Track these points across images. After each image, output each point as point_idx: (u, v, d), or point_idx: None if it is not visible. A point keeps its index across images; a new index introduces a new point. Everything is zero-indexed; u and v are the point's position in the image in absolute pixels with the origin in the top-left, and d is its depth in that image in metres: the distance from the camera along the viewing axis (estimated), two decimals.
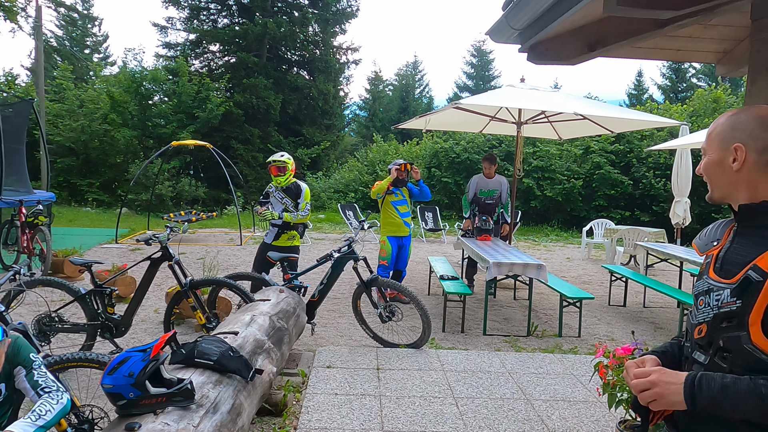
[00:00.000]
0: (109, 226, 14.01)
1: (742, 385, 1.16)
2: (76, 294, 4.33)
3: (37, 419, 2.17)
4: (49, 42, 29.80)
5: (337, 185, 21.01)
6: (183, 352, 2.94)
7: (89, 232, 12.78)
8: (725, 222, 1.46)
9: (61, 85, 22.44)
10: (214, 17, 26.16)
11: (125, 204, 19.47)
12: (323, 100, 25.30)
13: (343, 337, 5.53)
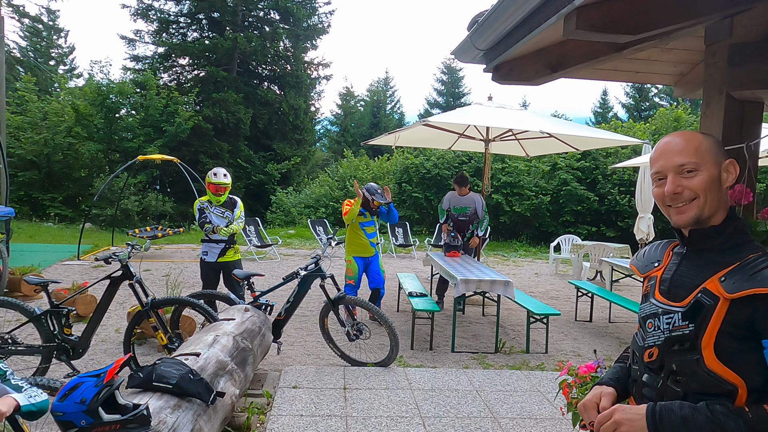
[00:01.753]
0: (71, 242, 13.62)
1: (700, 416, 1.16)
2: (30, 314, 4.17)
3: (29, 397, 2.16)
4: (11, 53, 29.08)
5: (307, 200, 20.91)
6: (140, 375, 2.84)
7: (50, 248, 12.40)
8: (663, 243, 1.47)
9: (24, 97, 21.88)
10: (183, 31, 25.99)
11: (89, 219, 19.01)
12: (294, 115, 25.28)
13: (310, 356, 5.45)
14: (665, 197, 1.33)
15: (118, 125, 21.74)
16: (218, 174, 5.66)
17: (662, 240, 1.51)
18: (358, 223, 6.25)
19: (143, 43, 25.83)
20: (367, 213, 6.27)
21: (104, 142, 21.37)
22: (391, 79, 43.12)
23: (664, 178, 1.33)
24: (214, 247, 5.59)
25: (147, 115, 21.21)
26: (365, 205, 6.25)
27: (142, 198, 20.38)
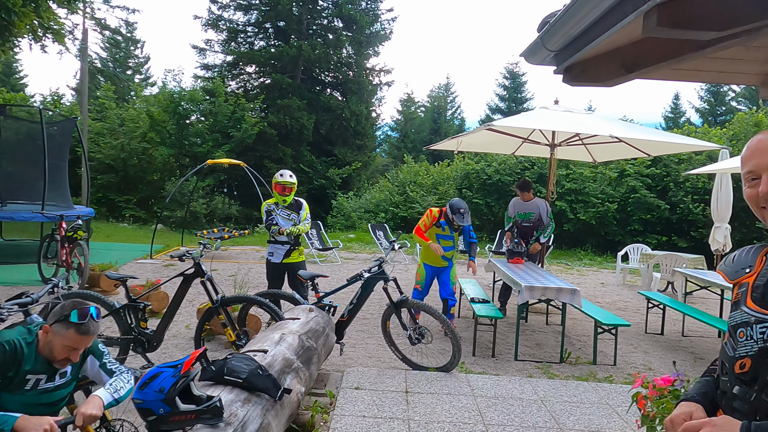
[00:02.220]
0: (144, 242, 14.30)
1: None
2: (110, 308, 4.40)
3: (114, 392, 2.46)
4: (93, 63, 30.94)
5: (367, 205, 21.07)
6: (213, 368, 2.94)
7: (125, 247, 13.05)
8: (755, 248, 1.38)
9: (104, 104, 23.22)
10: (251, 40, 26.85)
11: (161, 220, 19.92)
12: (355, 120, 25.58)
13: (371, 358, 5.48)
14: (759, 198, 1.24)
15: (188, 131, 22.68)
16: (284, 174, 5.79)
17: (754, 244, 1.41)
18: (434, 234, 6.14)
19: (213, 52, 26.90)
20: (446, 227, 6.09)
21: (175, 147, 22.36)
22: (451, 84, 42.96)
23: (758, 178, 1.25)
24: (279, 248, 5.72)
25: (215, 121, 22.04)
26: (447, 219, 6.04)
27: (209, 201, 21.16)
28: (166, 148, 22.11)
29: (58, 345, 2.31)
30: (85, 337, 2.32)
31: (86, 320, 2.30)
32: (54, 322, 2.32)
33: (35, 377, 2.32)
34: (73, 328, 2.28)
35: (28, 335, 2.34)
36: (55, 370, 2.38)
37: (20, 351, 2.26)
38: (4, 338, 2.27)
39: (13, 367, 2.24)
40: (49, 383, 2.37)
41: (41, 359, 2.33)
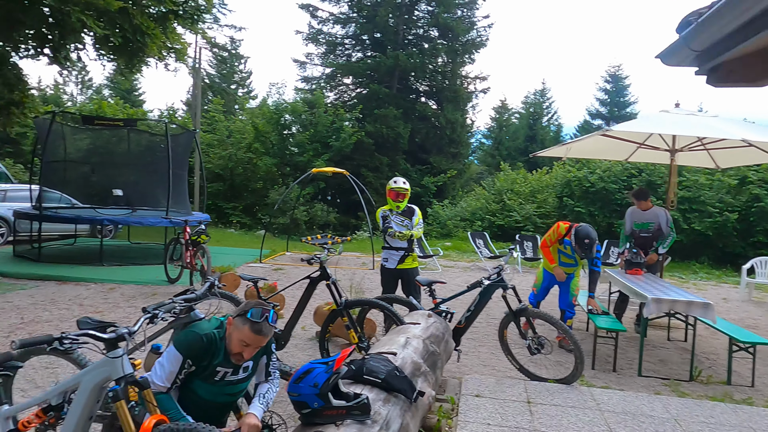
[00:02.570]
0: (251, 247, 15.08)
1: None
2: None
3: (266, 406, 2.71)
4: (204, 79, 33.15)
5: (463, 213, 20.94)
6: (353, 368, 3.05)
7: (236, 251, 13.80)
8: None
9: (214, 117, 24.77)
10: (348, 52, 27.62)
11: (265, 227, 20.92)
12: (450, 128, 25.55)
13: (486, 366, 5.43)
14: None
15: (289, 141, 23.67)
16: (398, 181, 5.89)
17: None
18: (557, 249, 6.00)
19: (312, 65, 27.93)
20: (568, 248, 5.89)
21: (278, 157, 23.41)
22: (547, 90, 41.68)
23: None
24: (394, 254, 5.82)
25: (315, 131, 22.84)
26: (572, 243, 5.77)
27: (309, 208, 21.91)
28: (270, 157, 23.20)
29: (235, 339, 2.48)
30: (258, 336, 2.46)
31: (261, 320, 2.44)
32: (236, 316, 2.51)
33: (223, 370, 2.52)
34: (249, 325, 2.43)
35: (221, 330, 2.54)
36: (240, 366, 2.58)
37: (214, 344, 2.47)
38: (203, 331, 2.48)
39: (207, 358, 2.45)
40: (234, 376, 2.58)
41: (229, 356, 2.53)
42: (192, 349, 2.44)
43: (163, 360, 2.45)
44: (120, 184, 13.13)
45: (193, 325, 2.56)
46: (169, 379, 2.42)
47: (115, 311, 7.18)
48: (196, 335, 2.47)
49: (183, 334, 2.52)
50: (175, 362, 2.42)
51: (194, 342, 2.45)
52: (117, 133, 13.80)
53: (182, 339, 2.49)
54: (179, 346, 2.45)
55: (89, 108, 26.06)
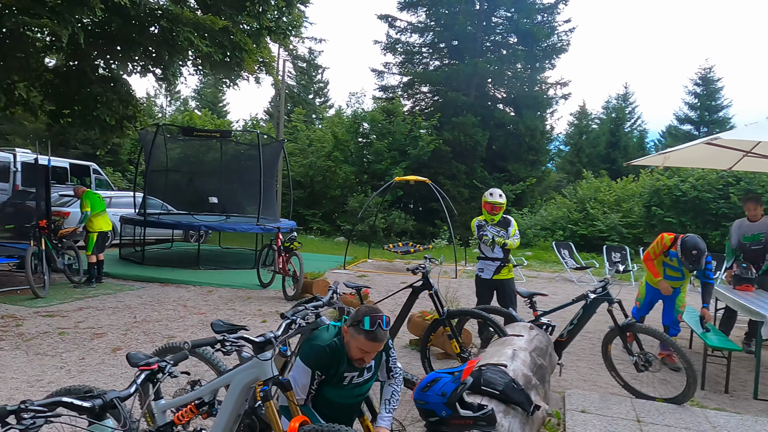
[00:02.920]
0: (331, 253, 15.45)
1: None
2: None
3: (392, 412, 2.78)
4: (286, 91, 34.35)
5: (543, 222, 20.50)
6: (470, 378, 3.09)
7: (318, 257, 14.17)
8: None
9: (296, 127, 25.59)
10: (426, 60, 27.76)
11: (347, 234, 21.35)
12: (530, 135, 25.08)
13: (586, 381, 5.31)
14: None
15: (368, 149, 24.06)
16: (494, 194, 5.88)
17: None
18: (662, 262, 5.76)
19: (390, 74, 28.27)
20: (674, 260, 5.58)
21: (356, 165, 23.85)
22: (630, 94, 40.05)
23: None
24: (490, 264, 5.80)
25: (393, 139, 23.09)
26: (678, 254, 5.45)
27: (387, 216, 22.16)
28: (348, 165, 23.68)
29: (353, 346, 2.55)
30: (375, 343, 2.52)
31: (375, 328, 2.48)
32: (350, 325, 2.58)
33: (350, 375, 2.63)
34: (364, 334, 2.48)
35: (342, 338, 2.62)
36: (363, 369, 2.67)
37: (338, 353, 2.56)
38: (325, 342, 2.57)
39: (334, 366, 2.56)
40: (359, 379, 2.68)
41: (351, 361, 2.62)
42: (318, 361, 2.54)
43: (294, 375, 2.58)
44: (213, 192, 13.85)
45: (314, 337, 2.64)
46: (303, 392, 2.54)
47: (216, 313, 7.58)
48: (320, 348, 2.56)
49: (307, 348, 2.61)
50: (305, 375, 2.54)
51: (320, 354, 2.55)
52: (207, 143, 14.58)
53: (308, 353, 2.59)
54: (306, 360, 2.56)
55: (181, 119, 27.64)
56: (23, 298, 7.85)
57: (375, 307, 2.60)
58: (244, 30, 9.79)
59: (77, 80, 9.04)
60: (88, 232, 8.98)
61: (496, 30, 26.67)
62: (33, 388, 4.54)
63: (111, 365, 5.22)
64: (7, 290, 8.33)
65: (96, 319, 6.90)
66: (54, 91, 9.85)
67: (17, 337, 5.99)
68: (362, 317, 2.51)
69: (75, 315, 7.09)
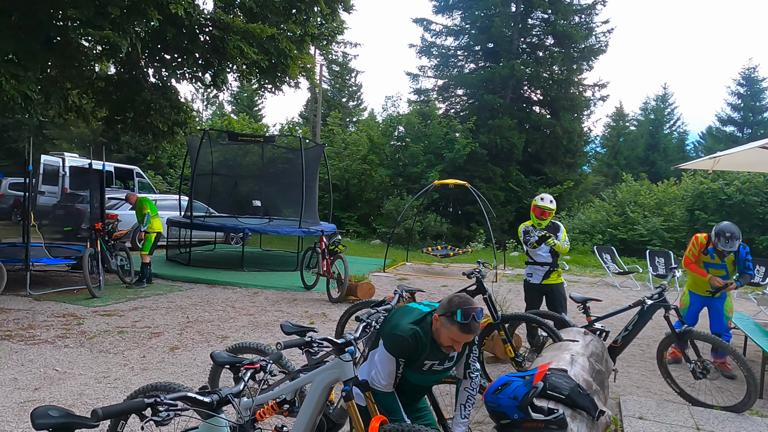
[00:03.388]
0: (368, 256, 15.57)
1: None
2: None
3: (466, 417, 2.81)
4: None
5: (582, 226, 20.24)
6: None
7: (357, 260, 14.28)
8: None
9: (332, 130, 25.84)
10: (461, 63, 27.70)
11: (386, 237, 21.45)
12: (567, 138, 24.77)
13: (639, 388, 5.28)
14: None
15: (403, 153, 24.13)
16: (545, 199, 5.88)
17: None
18: (703, 262, 5.71)
19: (425, 77, 28.30)
20: (715, 255, 5.61)
21: (392, 168, 23.95)
22: (669, 95, 39.20)
23: None
24: (538, 269, 5.81)
25: (429, 143, 23.12)
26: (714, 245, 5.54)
27: (422, 219, 22.18)
28: (384, 168, 23.79)
29: (444, 335, 2.52)
30: (467, 335, 2.48)
31: (468, 321, 2.42)
32: (442, 314, 2.51)
33: (430, 362, 2.64)
34: (457, 325, 2.43)
35: (425, 325, 2.60)
36: (446, 355, 2.64)
37: (420, 341, 2.56)
38: (407, 332, 2.56)
39: (416, 354, 2.58)
40: (440, 367, 2.68)
41: (435, 347, 2.60)
42: (402, 349, 2.56)
43: (378, 363, 2.62)
44: (254, 195, 14.14)
45: (395, 327, 2.62)
46: (390, 379, 2.58)
47: (264, 314, 7.76)
48: (403, 337, 2.56)
49: (390, 337, 2.61)
50: (390, 363, 2.57)
51: (403, 343, 2.55)
52: (245, 147, 14.88)
53: (391, 341, 2.59)
54: (390, 349, 2.58)
55: (220, 124, 28.20)
56: (80, 298, 8.17)
57: (469, 298, 2.54)
58: (288, 37, 9.98)
59: (130, 88, 9.37)
60: (146, 233, 9.30)
61: (532, 32, 26.44)
62: (101, 384, 4.76)
63: (171, 363, 5.42)
64: (65, 290, 8.69)
65: (151, 319, 7.14)
66: (106, 98, 10.23)
67: (80, 335, 6.25)
68: (456, 308, 2.46)
69: (131, 314, 7.36)
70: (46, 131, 30.42)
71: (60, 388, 4.62)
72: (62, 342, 5.94)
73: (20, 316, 6.95)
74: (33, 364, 5.20)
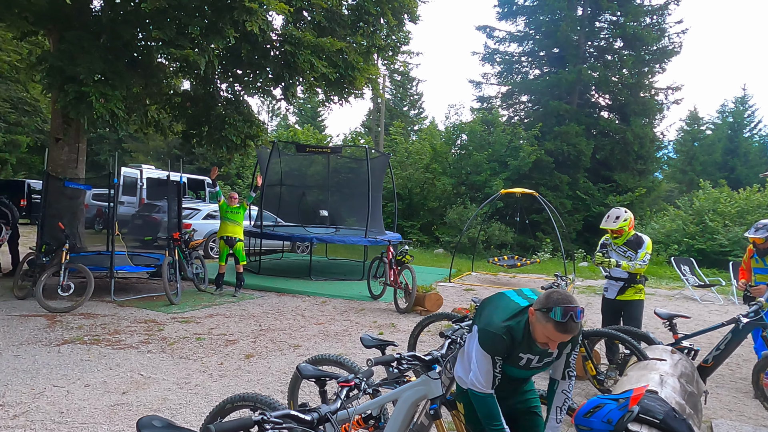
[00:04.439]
0: (431, 265, 15.48)
1: None
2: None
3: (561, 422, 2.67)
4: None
5: (656, 235, 19.35)
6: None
7: (421, 269, 14.18)
8: None
9: (395, 140, 25.98)
10: (525, 69, 27.25)
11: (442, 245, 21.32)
12: (639, 144, 23.82)
13: (731, 411, 4.95)
14: None
15: (467, 161, 23.92)
16: (608, 219, 5.48)
17: None
18: (752, 268, 5.38)
19: (488, 84, 28.03)
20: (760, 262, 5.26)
21: (455, 177, 23.79)
22: (749, 97, 37.09)
23: None
24: (614, 284, 5.55)
25: (493, 150, 22.82)
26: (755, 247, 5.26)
27: (486, 227, 21.88)
28: (447, 177, 23.66)
29: (539, 331, 2.39)
30: (563, 334, 2.33)
31: (566, 320, 2.27)
32: (538, 309, 2.37)
33: (527, 357, 2.51)
34: (552, 323, 2.28)
35: (521, 320, 2.47)
36: (544, 351, 2.50)
37: (516, 337, 2.44)
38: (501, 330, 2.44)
39: (512, 349, 2.47)
40: (539, 363, 2.55)
41: (531, 341, 2.45)
42: (498, 348, 2.45)
43: (475, 363, 2.50)
44: (320, 205, 14.38)
45: (488, 323, 2.50)
46: (488, 380, 2.46)
47: (334, 324, 7.84)
48: (498, 336, 2.44)
49: (484, 335, 2.49)
50: (487, 362, 2.46)
51: (498, 342, 2.44)
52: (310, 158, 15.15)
53: (486, 339, 2.48)
54: (486, 348, 2.47)
55: (286, 135, 28.95)
56: (159, 304, 8.54)
57: (569, 295, 2.37)
58: (355, 49, 10.13)
59: (205, 103, 9.76)
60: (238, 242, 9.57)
61: (600, 35, 25.68)
62: (182, 390, 4.93)
63: (247, 371, 5.55)
64: (145, 296, 9.11)
65: (226, 326, 7.36)
66: (182, 113, 10.69)
67: (161, 341, 6.52)
68: (554, 305, 2.29)
69: (207, 321, 7.61)
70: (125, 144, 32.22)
71: (145, 392, 4.82)
72: (145, 347, 6.21)
73: (106, 321, 7.33)
74: (120, 368, 5.46)
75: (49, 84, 7.53)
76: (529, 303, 2.52)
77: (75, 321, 7.20)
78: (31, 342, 6.16)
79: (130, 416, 4.30)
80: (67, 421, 4.14)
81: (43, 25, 8.72)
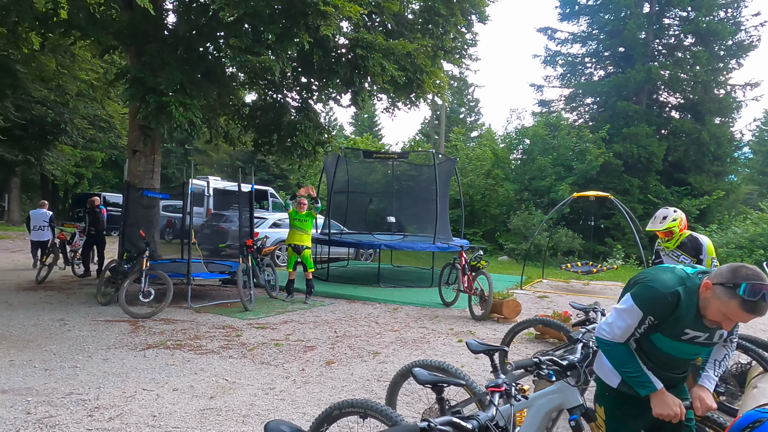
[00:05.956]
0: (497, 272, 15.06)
1: None
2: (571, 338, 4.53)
3: (718, 375, 2.40)
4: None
5: (738, 240, 18.20)
6: None
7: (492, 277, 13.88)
8: None
9: (455, 146, 25.70)
10: (589, 71, 26.45)
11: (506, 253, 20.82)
12: (716, 144, 22.57)
13: None
14: None
15: (530, 166, 23.34)
16: (655, 220, 4.95)
17: None
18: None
19: (551, 87, 27.36)
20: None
21: (517, 182, 23.24)
22: None
23: None
24: None
25: (558, 154, 22.16)
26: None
27: (552, 234, 21.22)
28: (510, 183, 23.15)
29: (714, 308, 2.13)
30: (747, 314, 2.05)
31: (756, 299, 1.99)
32: (718, 283, 2.11)
33: (693, 333, 2.23)
34: (738, 300, 2.02)
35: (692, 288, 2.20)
36: (713, 330, 2.25)
37: (681, 305, 2.17)
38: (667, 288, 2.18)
39: (672, 318, 2.20)
40: (706, 341, 2.28)
41: (698, 317, 2.21)
42: (655, 306, 2.19)
43: (620, 311, 2.28)
44: (386, 212, 14.28)
45: (654, 280, 2.24)
46: (624, 334, 2.24)
47: (409, 331, 7.65)
48: (660, 293, 2.18)
49: (643, 288, 2.25)
50: (634, 316, 2.22)
51: (658, 299, 2.18)
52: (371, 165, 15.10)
53: (643, 293, 2.23)
54: (639, 302, 2.22)
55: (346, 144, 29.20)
56: (234, 311, 8.60)
57: (761, 272, 2.08)
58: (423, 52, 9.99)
59: (276, 111, 9.85)
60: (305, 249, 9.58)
61: (669, 32, 24.60)
62: (268, 396, 4.85)
63: (330, 377, 5.44)
64: (220, 303, 9.22)
65: (302, 333, 7.30)
66: (251, 123, 10.84)
67: (240, 346, 6.51)
68: (742, 281, 2.02)
69: (282, 328, 7.58)
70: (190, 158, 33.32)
71: (233, 397, 4.78)
72: (226, 353, 6.21)
73: (186, 326, 7.41)
74: (204, 372, 5.45)
75: (132, 95, 7.76)
76: (699, 271, 2.26)
77: (157, 326, 7.33)
78: (117, 346, 6.28)
79: (219, 421, 4.25)
80: (160, 425, 4.13)
81: (123, 41, 9.05)
